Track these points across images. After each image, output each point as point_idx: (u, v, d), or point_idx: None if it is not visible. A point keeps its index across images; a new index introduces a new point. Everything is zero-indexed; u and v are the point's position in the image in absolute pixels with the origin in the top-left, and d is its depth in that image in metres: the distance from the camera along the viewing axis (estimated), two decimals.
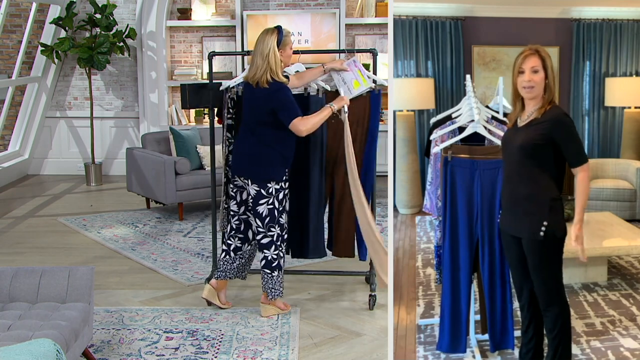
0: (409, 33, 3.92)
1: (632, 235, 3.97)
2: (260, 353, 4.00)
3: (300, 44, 8.85)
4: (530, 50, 3.16)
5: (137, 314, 4.58)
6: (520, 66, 3.16)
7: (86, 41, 8.73)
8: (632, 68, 3.96)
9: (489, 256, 3.60)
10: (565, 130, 3.14)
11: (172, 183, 6.91)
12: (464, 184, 3.56)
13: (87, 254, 5.98)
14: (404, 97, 4.01)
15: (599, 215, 4.05)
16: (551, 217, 3.18)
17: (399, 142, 3.92)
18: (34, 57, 9.28)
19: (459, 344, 3.66)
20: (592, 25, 3.94)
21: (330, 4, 9.06)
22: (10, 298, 3.72)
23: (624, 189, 4.04)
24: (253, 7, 9.11)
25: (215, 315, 4.55)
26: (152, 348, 4.08)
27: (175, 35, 9.27)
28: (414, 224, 4.09)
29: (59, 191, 8.66)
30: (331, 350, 4.06)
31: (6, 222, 7.13)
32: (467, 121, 3.58)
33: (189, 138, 7.40)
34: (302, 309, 4.66)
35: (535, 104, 3.19)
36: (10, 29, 9.37)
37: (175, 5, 9.21)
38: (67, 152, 9.66)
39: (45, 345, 3.03)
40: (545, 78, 3.14)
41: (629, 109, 4.02)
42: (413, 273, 3.99)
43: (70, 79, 9.52)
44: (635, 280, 4.02)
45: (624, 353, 3.60)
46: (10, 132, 9.42)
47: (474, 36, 3.97)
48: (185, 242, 6.31)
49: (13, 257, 5.92)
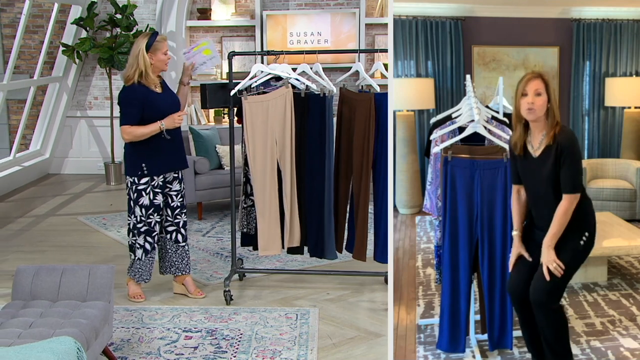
0: (409, 33, 3.91)
1: (632, 235, 3.96)
2: (279, 353, 3.99)
3: (320, 44, 8.84)
4: (533, 74, 3.21)
5: (157, 313, 4.59)
6: (523, 89, 3.19)
7: (107, 41, 8.78)
8: (632, 68, 3.94)
9: (489, 256, 3.60)
10: (567, 153, 3.18)
11: (192, 183, 6.93)
12: (464, 184, 3.57)
13: (107, 253, 6.01)
14: (404, 97, 4.00)
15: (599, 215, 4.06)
16: (588, 225, 3.27)
17: (399, 142, 3.91)
18: (55, 57, 9.36)
19: (458, 343, 3.66)
20: (592, 25, 3.93)
21: (350, 4, 9.04)
22: (32, 296, 3.74)
23: (624, 189, 4.02)
24: (273, 7, 9.11)
25: (234, 314, 4.55)
26: (171, 347, 4.09)
27: (195, 35, 9.30)
28: (414, 224, 4.09)
29: (79, 190, 8.72)
30: (350, 351, 4.04)
31: (27, 220, 7.19)
32: (467, 121, 3.58)
33: (209, 138, 7.42)
34: (321, 309, 4.65)
35: (542, 129, 3.23)
36: (32, 30, 9.46)
37: (195, 5, 9.24)
38: (88, 151, 9.72)
39: (66, 343, 3.05)
40: (547, 101, 3.19)
41: (629, 109, 4.01)
42: (413, 273, 3.99)
43: (91, 78, 9.58)
44: (635, 280, 4.01)
45: (624, 353, 3.59)
46: (32, 132, 9.50)
47: (474, 36, 3.96)
48: (204, 241, 6.32)
49: (34, 255, 5.97)
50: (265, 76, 4.73)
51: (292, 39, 8.86)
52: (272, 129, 4.59)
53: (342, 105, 4.69)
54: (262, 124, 4.59)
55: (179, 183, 4.80)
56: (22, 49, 8.99)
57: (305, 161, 4.68)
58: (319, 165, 4.65)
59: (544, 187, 3.26)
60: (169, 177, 4.74)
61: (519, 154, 3.31)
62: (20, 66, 9.44)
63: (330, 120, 4.63)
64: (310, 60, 4.80)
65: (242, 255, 5.57)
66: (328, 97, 4.61)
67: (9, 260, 5.82)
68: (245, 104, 4.59)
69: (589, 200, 3.32)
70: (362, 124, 4.55)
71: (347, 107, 4.67)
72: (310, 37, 8.88)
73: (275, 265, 5.56)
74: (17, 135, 9.01)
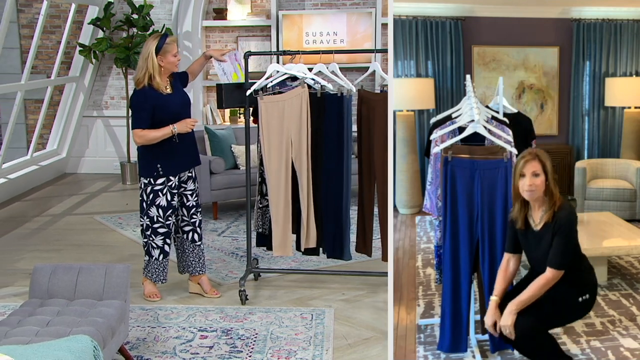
0: (409, 33, 3.90)
1: (632, 235, 3.95)
2: (295, 353, 3.99)
3: (336, 44, 8.83)
4: (530, 155, 3.30)
5: (172, 312, 4.60)
6: (521, 170, 3.30)
7: (123, 41, 8.83)
8: (632, 68, 3.92)
9: (489, 256, 3.60)
10: (563, 230, 3.29)
11: (207, 182, 6.94)
12: (464, 184, 3.57)
13: (122, 252, 6.03)
14: (404, 97, 4.00)
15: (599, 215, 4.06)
16: (589, 287, 3.34)
17: (398, 142, 3.91)
18: (72, 58, 9.41)
19: (459, 344, 3.65)
20: (592, 25, 3.92)
21: (367, 4, 9.03)
22: (49, 294, 3.76)
23: (624, 189, 4.01)
24: (289, 6, 9.12)
25: (249, 314, 4.55)
26: (187, 346, 4.09)
27: (210, 35, 9.32)
28: (414, 224, 4.08)
29: (95, 190, 8.77)
30: (366, 352, 4.03)
31: (44, 219, 7.23)
32: (467, 121, 3.57)
33: (224, 137, 7.43)
34: (337, 309, 4.64)
35: (541, 205, 3.33)
36: (50, 30, 9.52)
37: (211, 5, 9.26)
38: (104, 151, 9.77)
39: (83, 341, 3.06)
40: (545, 180, 3.28)
41: (629, 109, 4.00)
42: (413, 273, 3.98)
43: (107, 78, 9.63)
44: (635, 280, 3.98)
45: (624, 353, 3.57)
46: (49, 131, 9.57)
47: (474, 36, 3.96)
48: (220, 241, 6.33)
49: (50, 254, 6.00)
50: (281, 76, 4.73)
51: (308, 38, 8.86)
52: (288, 129, 4.59)
53: (362, 105, 4.69)
54: (278, 124, 4.59)
55: (192, 182, 4.81)
56: (39, 49, 9.05)
57: (321, 162, 4.67)
58: (336, 165, 4.64)
59: (544, 258, 3.35)
60: (183, 176, 4.76)
61: (520, 227, 3.40)
62: (38, 66, 9.51)
63: (348, 121, 4.61)
64: (326, 60, 4.79)
65: (258, 255, 5.57)
66: (346, 97, 4.60)
67: (26, 259, 5.85)
68: (261, 104, 4.59)
69: (590, 265, 3.41)
70: (381, 123, 4.53)
71: (366, 107, 4.66)
72: (326, 37, 8.87)
73: (291, 265, 5.56)
74: (34, 135, 9.07)
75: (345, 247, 4.74)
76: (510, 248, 3.48)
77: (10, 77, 9.36)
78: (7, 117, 9.04)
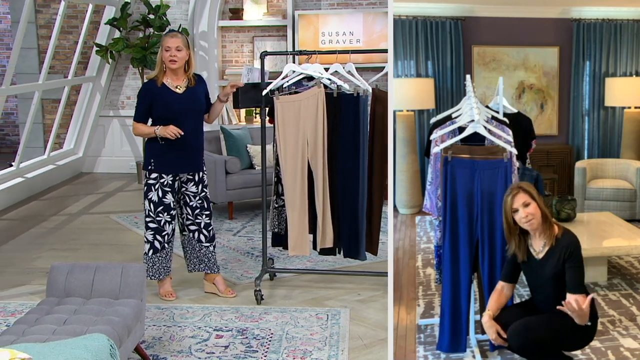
0: (409, 33, 3.90)
1: (632, 235, 3.94)
2: (310, 353, 3.98)
3: (352, 44, 8.82)
4: (514, 189, 3.32)
5: (188, 312, 4.61)
6: (512, 206, 3.31)
7: (139, 41, 8.86)
8: (632, 68, 3.91)
9: (489, 256, 3.58)
10: (574, 258, 3.29)
11: (223, 182, 6.95)
12: (464, 184, 3.56)
13: (138, 251, 6.04)
14: (403, 97, 3.99)
15: (599, 215, 4.06)
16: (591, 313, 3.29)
17: (398, 142, 3.90)
18: (89, 58, 9.46)
19: (459, 343, 3.64)
20: (592, 25, 3.90)
21: (383, 3, 9.00)
22: (65, 293, 3.78)
23: (624, 189, 3.99)
24: (305, 6, 9.11)
25: (264, 314, 4.55)
26: (202, 345, 4.10)
27: (226, 35, 9.33)
28: (414, 224, 4.07)
29: (111, 189, 8.80)
30: (381, 352, 4.02)
31: (61, 218, 7.27)
32: (467, 121, 3.57)
33: (240, 137, 7.44)
34: (352, 309, 4.63)
35: (542, 232, 3.33)
36: (67, 30, 9.57)
37: (227, 5, 9.28)
38: (120, 150, 9.82)
39: (100, 340, 3.07)
40: (537, 206, 3.29)
41: (629, 109, 3.99)
42: (413, 273, 3.97)
43: (124, 78, 9.67)
44: (635, 280, 3.97)
45: (624, 353, 3.56)
46: (66, 131, 9.62)
47: (474, 36, 3.95)
48: (235, 241, 6.34)
49: (67, 253, 6.03)
50: (297, 76, 4.72)
51: (324, 38, 8.85)
52: (304, 129, 4.58)
53: (376, 104, 4.67)
54: (294, 124, 4.58)
55: (195, 185, 4.78)
56: (56, 49, 9.10)
57: (337, 162, 4.66)
58: (352, 165, 4.63)
59: (547, 282, 3.36)
60: (182, 177, 4.76)
61: (522, 260, 3.39)
62: (55, 66, 9.57)
63: (364, 121, 4.60)
64: (343, 60, 4.78)
65: (273, 255, 5.57)
66: (362, 97, 4.59)
67: (42, 258, 5.89)
68: (277, 104, 4.59)
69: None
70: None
71: (380, 106, 4.64)
72: (342, 37, 8.86)
73: (306, 266, 5.55)
74: (51, 135, 9.12)
75: (361, 247, 4.73)
76: (506, 278, 3.48)
77: (28, 77, 9.42)
78: (24, 117, 9.10)
